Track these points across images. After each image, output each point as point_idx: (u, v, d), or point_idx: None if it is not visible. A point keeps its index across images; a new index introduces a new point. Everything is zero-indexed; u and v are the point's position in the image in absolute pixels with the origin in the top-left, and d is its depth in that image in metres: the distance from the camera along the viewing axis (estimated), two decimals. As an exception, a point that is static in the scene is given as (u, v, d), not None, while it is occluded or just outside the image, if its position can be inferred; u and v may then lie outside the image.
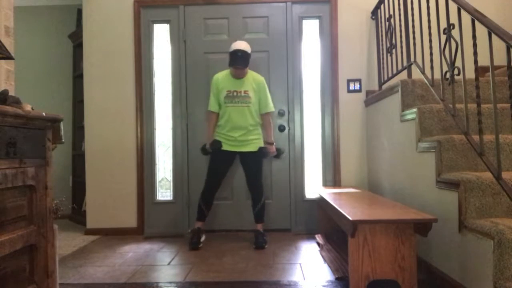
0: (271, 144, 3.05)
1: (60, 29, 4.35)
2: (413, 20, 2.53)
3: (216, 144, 2.96)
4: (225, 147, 2.97)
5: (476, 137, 1.90)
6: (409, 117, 2.42)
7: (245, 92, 2.95)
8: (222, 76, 3.02)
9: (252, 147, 2.98)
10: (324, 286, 2.08)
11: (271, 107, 3.05)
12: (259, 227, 3.02)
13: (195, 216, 3.15)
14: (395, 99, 2.65)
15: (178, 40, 3.43)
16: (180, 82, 3.42)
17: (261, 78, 3.04)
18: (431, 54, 2.26)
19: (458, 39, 1.90)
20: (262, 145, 3.02)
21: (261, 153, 2.99)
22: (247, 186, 3.05)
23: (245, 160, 3.00)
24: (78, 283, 2.18)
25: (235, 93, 2.95)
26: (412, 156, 2.37)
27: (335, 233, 3.10)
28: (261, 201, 3.01)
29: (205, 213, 3.02)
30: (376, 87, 3.29)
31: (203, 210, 3.00)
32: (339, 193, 2.74)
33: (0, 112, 1.21)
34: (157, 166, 3.48)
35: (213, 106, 3.02)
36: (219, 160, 2.98)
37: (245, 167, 3.02)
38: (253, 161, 2.99)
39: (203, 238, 3.00)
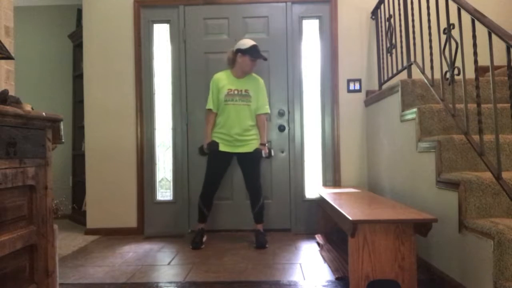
0: (264, 145, 3.01)
1: (60, 29, 4.35)
2: (413, 20, 2.53)
3: (214, 145, 2.93)
4: (222, 148, 2.94)
5: (476, 137, 1.90)
6: (409, 117, 2.42)
7: (245, 91, 2.96)
8: (222, 76, 3.01)
9: (249, 148, 2.95)
10: (324, 286, 2.08)
11: (267, 109, 3.04)
12: (260, 227, 3.01)
13: (195, 216, 3.15)
14: (395, 99, 2.65)
15: (178, 40, 3.44)
16: (180, 82, 3.42)
17: (260, 79, 3.06)
18: (431, 54, 2.26)
19: (458, 39, 1.90)
20: (258, 146, 2.99)
21: (258, 153, 2.96)
22: (246, 187, 3.04)
23: (242, 161, 2.99)
24: (78, 283, 2.18)
25: (236, 92, 2.94)
26: (412, 156, 2.37)
27: (335, 233, 3.10)
28: (260, 201, 3.00)
29: (206, 214, 3.02)
30: (376, 87, 3.29)
31: (204, 212, 3.00)
32: (339, 193, 2.74)
33: (0, 112, 1.21)
34: (157, 166, 3.48)
35: (211, 104, 2.98)
36: (216, 161, 2.96)
37: (242, 168, 3.01)
38: (251, 162, 2.97)
39: (204, 239, 3.00)
